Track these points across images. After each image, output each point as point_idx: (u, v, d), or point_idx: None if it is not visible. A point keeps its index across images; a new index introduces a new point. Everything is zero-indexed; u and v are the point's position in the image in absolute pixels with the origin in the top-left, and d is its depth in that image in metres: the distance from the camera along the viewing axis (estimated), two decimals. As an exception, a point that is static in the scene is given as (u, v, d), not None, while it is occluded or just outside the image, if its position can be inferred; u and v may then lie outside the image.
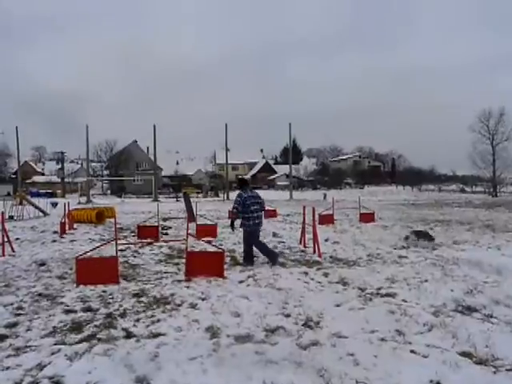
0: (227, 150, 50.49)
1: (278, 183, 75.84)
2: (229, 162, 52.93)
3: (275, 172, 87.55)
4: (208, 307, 5.26)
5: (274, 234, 12.16)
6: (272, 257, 8.02)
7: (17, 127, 45.25)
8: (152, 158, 54.78)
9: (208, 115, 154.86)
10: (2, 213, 11.27)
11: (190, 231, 8.61)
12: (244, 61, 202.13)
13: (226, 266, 7.32)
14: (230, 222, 8.57)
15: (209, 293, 5.91)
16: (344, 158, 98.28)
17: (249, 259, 8.06)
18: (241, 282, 6.60)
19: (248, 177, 70.09)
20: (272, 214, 18.72)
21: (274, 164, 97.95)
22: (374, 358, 3.76)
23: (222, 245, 9.90)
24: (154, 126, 45.85)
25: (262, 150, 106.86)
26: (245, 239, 8.17)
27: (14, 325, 4.79)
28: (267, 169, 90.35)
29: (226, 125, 47.05)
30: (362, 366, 3.62)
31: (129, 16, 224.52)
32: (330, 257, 8.75)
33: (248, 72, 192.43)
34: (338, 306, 5.32)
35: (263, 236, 11.91)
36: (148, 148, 70.73)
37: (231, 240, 11.37)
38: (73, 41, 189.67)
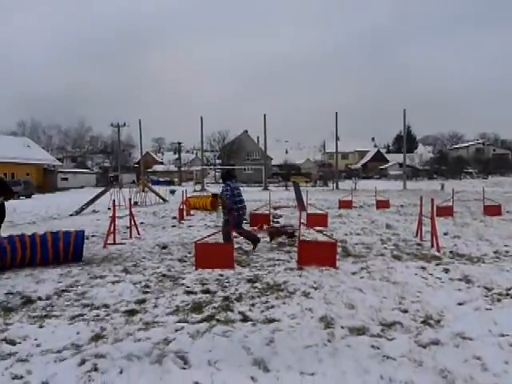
0: (337, 138, 49.71)
1: (391, 173, 72.78)
2: (338, 150, 52.10)
3: (387, 161, 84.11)
4: (321, 297, 5.24)
5: (388, 226, 11.72)
6: (253, 241, 8.66)
7: (140, 120, 49.15)
8: (262, 147, 56.02)
9: (318, 104, 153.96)
10: (130, 199, 12.38)
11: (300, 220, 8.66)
12: (355, 47, 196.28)
13: (337, 257, 7.22)
14: (224, 207, 8.70)
15: (321, 282, 5.89)
16: (465, 145, 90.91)
17: (228, 240, 8.25)
18: (354, 273, 6.47)
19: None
20: (384, 204, 18.07)
21: (386, 153, 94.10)
22: (504, 364, 3.44)
23: (332, 235, 9.79)
24: (264, 116, 46.78)
25: (373, 139, 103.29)
26: (226, 223, 8.43)
27: (143, 301, 5.25)
28: (379, 158, 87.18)
29: (336, 113, 46.26)
30: (490, 371, 3.34)
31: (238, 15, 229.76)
32: (450, 252, 8.17)
33: (359, 59, 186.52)
34: (460, 304, 4.96)
35: (376, 227, 11.56)
36: (258, 138, 72.34)
37: (342, 230, 11.21)
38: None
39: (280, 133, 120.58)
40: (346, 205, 18.32)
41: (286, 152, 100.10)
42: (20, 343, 4.03)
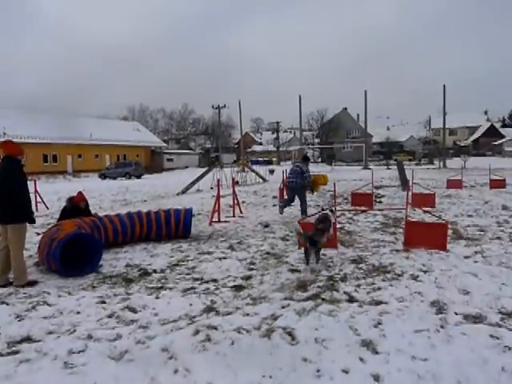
0: (445, 113, 46.36)
1: (506, 149, 66.52)
2: (446, 126, 48.64)
3: (502, 136, 76.76)
4: (431, 280, 5.00)
5: (504, 207, 10.77)
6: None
7: (240, 101, 49.89)
8: (362, 125, 54.30)
9: (421, 79, 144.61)
10: (233, 179, 12.77)
11: (403, 200, 8.27)
12: (460, 17, 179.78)
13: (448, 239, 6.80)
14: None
15: (431, 266, 5.60)
16: None
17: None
18: (467, 257, 6.06)
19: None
20: (499, 184, 16.61)
21: (502, 127, 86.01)
22: None
23: (441, 216, 9.24)
24: (365, 92, 45.11)
25: (485, 112, 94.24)
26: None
27: (249, 277, 5.44)
28: (492, 133, 79.80)
29: (444, 86, 43.13)
30: None
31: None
32: None
33: (465, 27, 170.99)
34: None
35: (490, 208, 10.73)
36: (358, 115, 70.40)
37: (452, 211, 10.54)
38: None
39: (381, 109, 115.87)
40: (455, 184, 17.11)
41: (388, 129, 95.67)
42: (140, 311, 4.40)
